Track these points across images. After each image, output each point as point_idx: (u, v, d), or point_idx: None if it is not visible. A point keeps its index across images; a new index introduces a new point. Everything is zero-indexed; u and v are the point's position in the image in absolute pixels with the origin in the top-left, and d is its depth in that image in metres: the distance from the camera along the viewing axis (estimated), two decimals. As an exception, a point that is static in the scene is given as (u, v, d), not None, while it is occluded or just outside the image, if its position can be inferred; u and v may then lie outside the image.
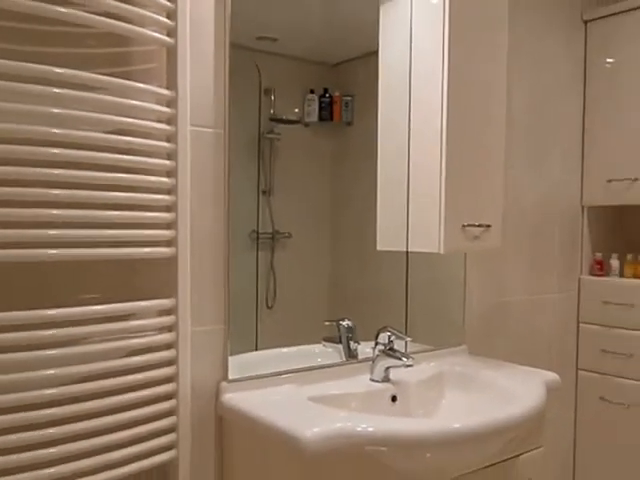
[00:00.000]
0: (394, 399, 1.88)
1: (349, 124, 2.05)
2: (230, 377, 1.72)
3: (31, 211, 1.28)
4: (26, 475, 1.26)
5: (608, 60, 2.79)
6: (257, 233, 1.84)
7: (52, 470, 1.30)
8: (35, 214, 1.29)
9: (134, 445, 1.43)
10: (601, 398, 2.81)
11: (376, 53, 2.08)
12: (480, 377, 2.00)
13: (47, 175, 1.30)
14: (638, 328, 2.68)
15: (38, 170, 1.29)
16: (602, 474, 2.82)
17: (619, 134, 2.75)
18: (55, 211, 1.32)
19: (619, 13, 2.72)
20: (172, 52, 1.52)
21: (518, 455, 1.90)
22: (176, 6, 1.50)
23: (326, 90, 1.98)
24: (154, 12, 1.47)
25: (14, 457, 1.25)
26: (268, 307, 1.87)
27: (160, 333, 1.52)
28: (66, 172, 1.32)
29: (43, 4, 1.27)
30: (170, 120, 1.52)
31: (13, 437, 1.26)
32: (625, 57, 2.71)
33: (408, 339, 2.03)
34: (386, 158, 2.09)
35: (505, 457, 1.84)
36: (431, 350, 2.23)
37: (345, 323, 2.00)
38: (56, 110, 1.30)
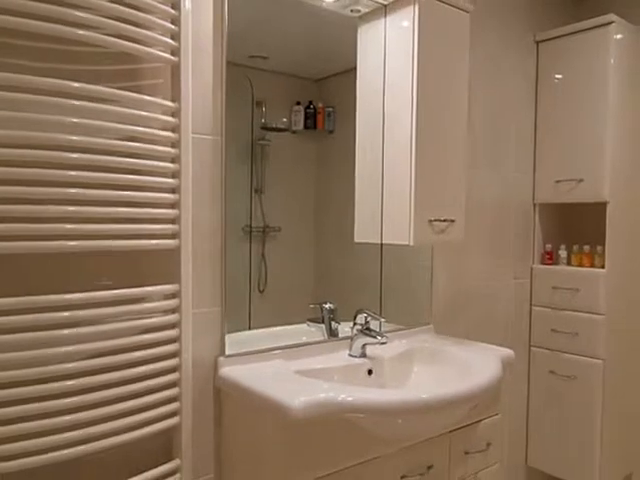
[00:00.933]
0: (370, 372, 1.90)
1: (331, 132, 2.06)
2: (227, 353, 1.73)
3: (54, 208, 1.30)
4: (49, 439, 1.27)
5: (556, 76, 2.78)
6: (250, 227, 1.85)
7: (71, 434, 1.31)
8: (56, 210, 1.30)
9: (142, 412, 1.44)
10: (551, 371, 2.81)
11: (354, 69, 2.08)
12: (445, 353, 2.00)
13: (67, 176, 1.31)
14: (583, 310, 2.67)
15: (60, 172, 1.29)
16: (551, 438, 2.81)
17: (566, 140, 2.74)
18: (72, 208, 1.32)
19: (567, 35, 2.70)
20: (176, 69, 1.52)
21: (478, 421, 1.92)
22: (179, 29, 1.50)
23: (311, 102, 1.98)
24: (160, 34, 1.48)
25: (37, 423, 1.27)
26: (260, 292, 1.88)
27: (165, 314, 1.53)
28: (83, 174, 1.33)
29: (66, 27, 1.28)
30: (174, 128, 1.52)
31: (36, 405, 1.27)
32: (571, 73, 2.70)
33: (382, 320, 2.06)
34: (363, 161, 2.10)
35: (467, 423, 1.87)
36: (402, 329, 2.23)
37: (327, 305, 2.00)
38: (75, 120, 1.31)
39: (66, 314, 1.32)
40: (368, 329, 1.92)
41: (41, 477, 1.37)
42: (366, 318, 1.95)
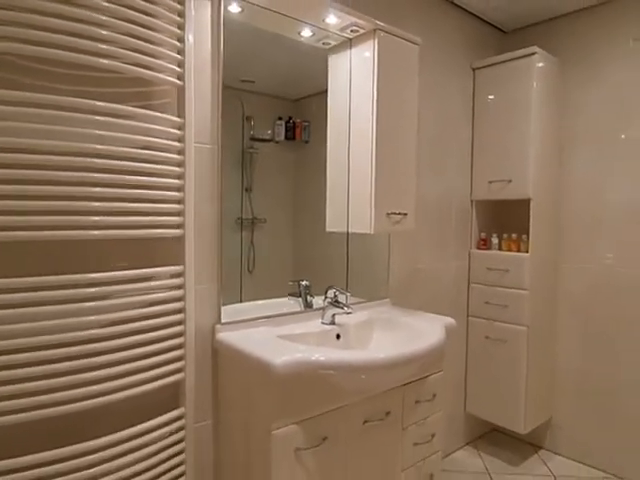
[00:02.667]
0: (338, 337, 1.91)
1: (307, 142, 2.07)
2: (222, 321, 1.74)
3: (81, 204, 1.31)
4: (77, 391, 1.30)
5: (489, 97, 2.80)
6: (241, 219, 1.87)
7: (96, 387, 1.33)
8: (83, 206, 1.32)
9: (154, 369, 1.47)
10: (485, 336, 2.84)
11: (326, 91, 2.09)
12: (400, 321, 2.01)
13: (93, 178, 1.33)
14: (511, 286, 2.70)
15: (87, 175, 1.31)
16: (485, 390, 2.86)
17: (497, 148, 2.76)
18: (97, 203, 1.34)
19: (498, 63, 2.75)
20: (181, 91, 1.54)
21: (426, 376, 1.94)
22: (184, 58, 1.51)
23: (290, 117, 2.00)
24: (169, 63, 1.50)
25: (71, 378, 1.29)
26: (249, 272, 1.89)
27: (172, 290, 1.54)
28: (106, 175, 1.35)
29: (94, 57, 1.30)
30: (180, 139, 1.54)
31: (76, 363, 1.30)
32: (501, 95, 2.73)
33: (348, 294, 2.07)
34: (333, 166, 2.11)
35: (417, 378, 1.90)
36: (365, 302, 2.24)
37: (304, 282, 2.02)
38: (100, 132, 1.34)
39: (92, 290, 1.34)
40: (337, 302, 1.94)
41: (73, 422, 1.39)
42: (335, 293, 1.97)
